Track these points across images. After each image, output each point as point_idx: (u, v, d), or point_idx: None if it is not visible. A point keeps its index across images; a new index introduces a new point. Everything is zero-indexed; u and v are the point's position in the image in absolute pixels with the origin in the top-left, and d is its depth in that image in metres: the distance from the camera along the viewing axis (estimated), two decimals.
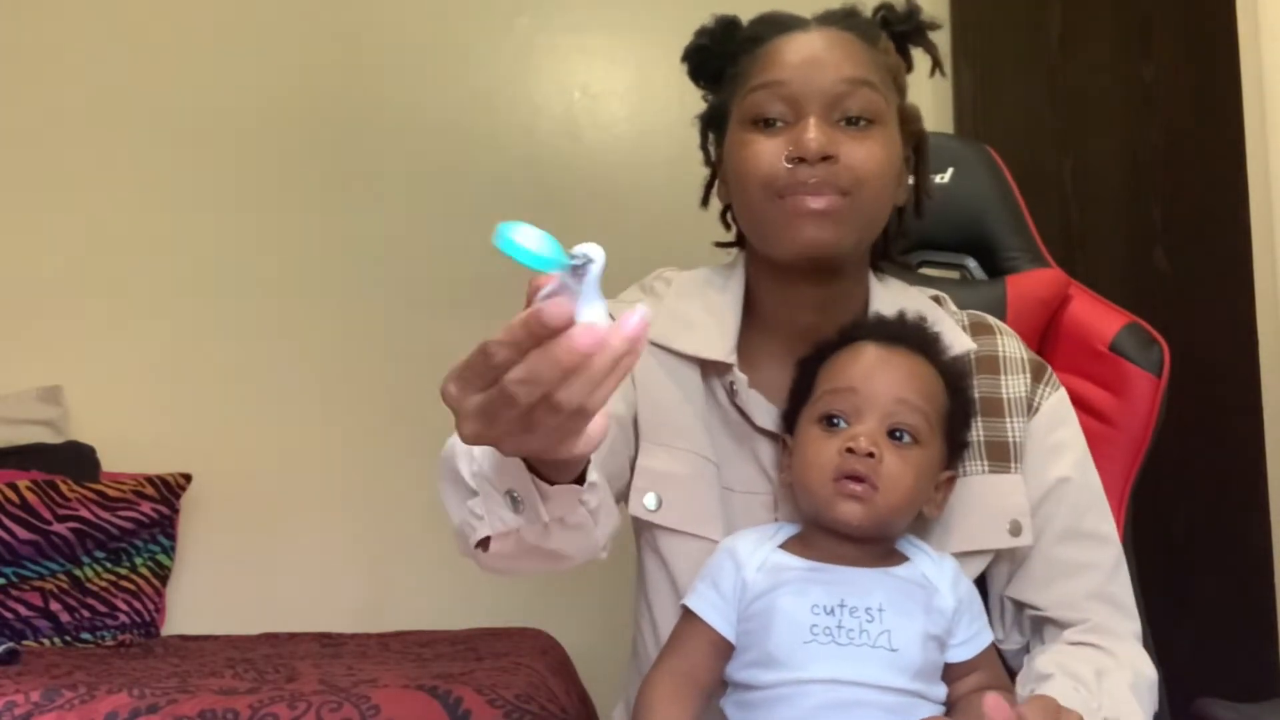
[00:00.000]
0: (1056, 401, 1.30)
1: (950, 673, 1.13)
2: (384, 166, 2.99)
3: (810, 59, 1.20)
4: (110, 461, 2.80)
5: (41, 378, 2.85)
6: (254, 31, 3.00)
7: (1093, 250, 2.52)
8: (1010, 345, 1.30)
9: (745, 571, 1.14)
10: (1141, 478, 1.58)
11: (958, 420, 1.20)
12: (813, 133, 1.17)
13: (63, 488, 2.61)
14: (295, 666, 2.23)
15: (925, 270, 1.75)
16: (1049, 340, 1.63)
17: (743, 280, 1.32)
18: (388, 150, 3.00)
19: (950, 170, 1.72)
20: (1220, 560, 2.30)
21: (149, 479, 2.71)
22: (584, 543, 1.02)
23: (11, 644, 2.32)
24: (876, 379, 1.15)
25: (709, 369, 1.28)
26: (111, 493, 2.65)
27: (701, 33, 1.30)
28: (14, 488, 2.58)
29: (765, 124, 1.21)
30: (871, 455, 1.11)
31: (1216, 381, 2.24)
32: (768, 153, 1.20)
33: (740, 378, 1.26)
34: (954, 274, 1.75)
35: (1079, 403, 1.55)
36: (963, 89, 2.75)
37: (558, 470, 0.92)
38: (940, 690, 1.12)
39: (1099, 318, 1.62)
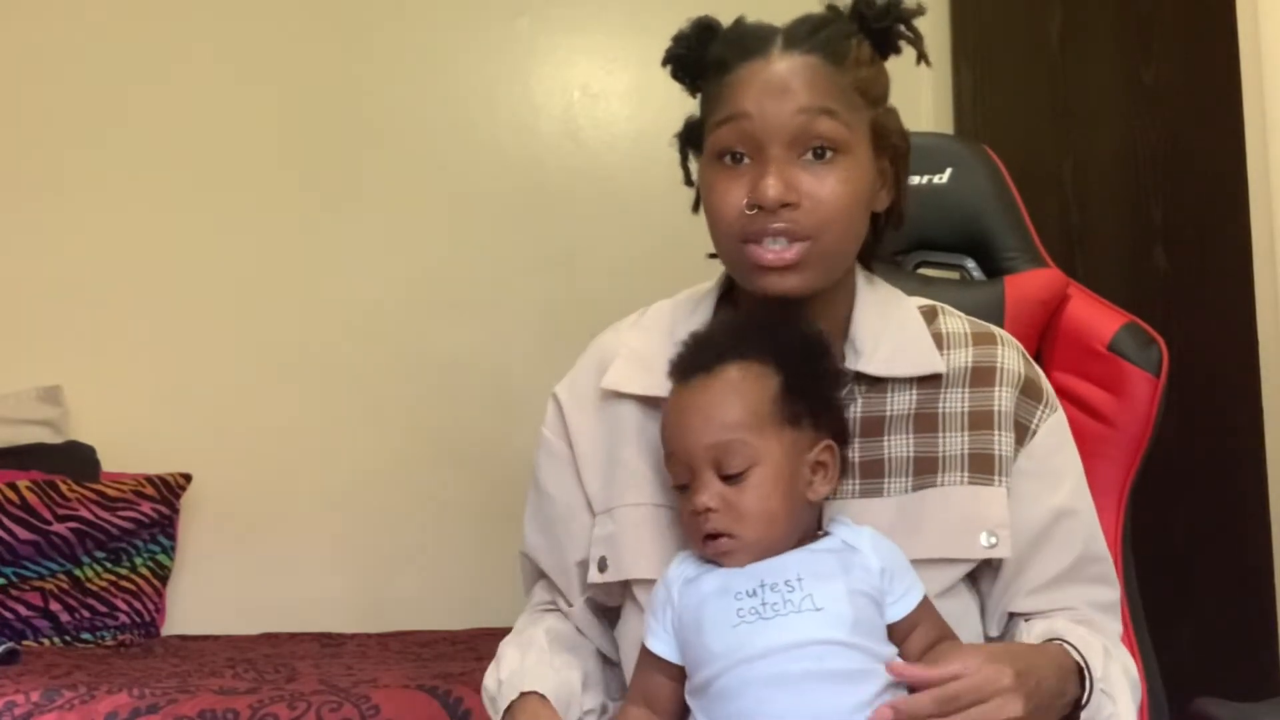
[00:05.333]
0: (1055, 424, 1.28)
1: (895, 633, 1.13)
2: (385, 167, 3.00)
3: (769, 92, 1.19)
4: (110, 461, 2.80)
5: (41, 378, 2.85)
6: (254, 33, 3.00)
7: (1093, 250, 2.51)
8: (1010, 357, 1.28)
9: (673, 589, 1.16)
10: (1141, 478, 1.58)
11: (798, 396, 1.16)
12: (771, 180, 1.17)
13: (63, 488, 2.61)
14: (295, 666, 2.23)
15: (924, 271, 1.75)
16: (1047, 340, 1.62)
17: (713, 303, 1.32)
18: (388, 151, 3.00)
19: (949, 170, 1.71)
20: (1220, 560, 2.29)
21: (149, 479, 2.72)
22: None
23: (11, 644, 2.32)
24: (686, 433, 1.15)
25: (657, 404, 1.27)
26: (111, 493, 2.65)
27: (679, 39, 1.28)
28: (14, 488, 2.58)
29: (732, 158, 1.21)
30: (712, 510, 1.12)
31: (1216, 381, 2.23)
32: (730, 197, 1.20)
33: None
34: (953, 274, 1.75)
35: (1078, 403, 1.55)
36: (963, 89, 2.75)
37: None
38: (889, 650, 1.11)
39: (1097, 318, 1.61)
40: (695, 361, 1.18)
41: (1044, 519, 1.24)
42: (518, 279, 2.95)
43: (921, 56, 1.28)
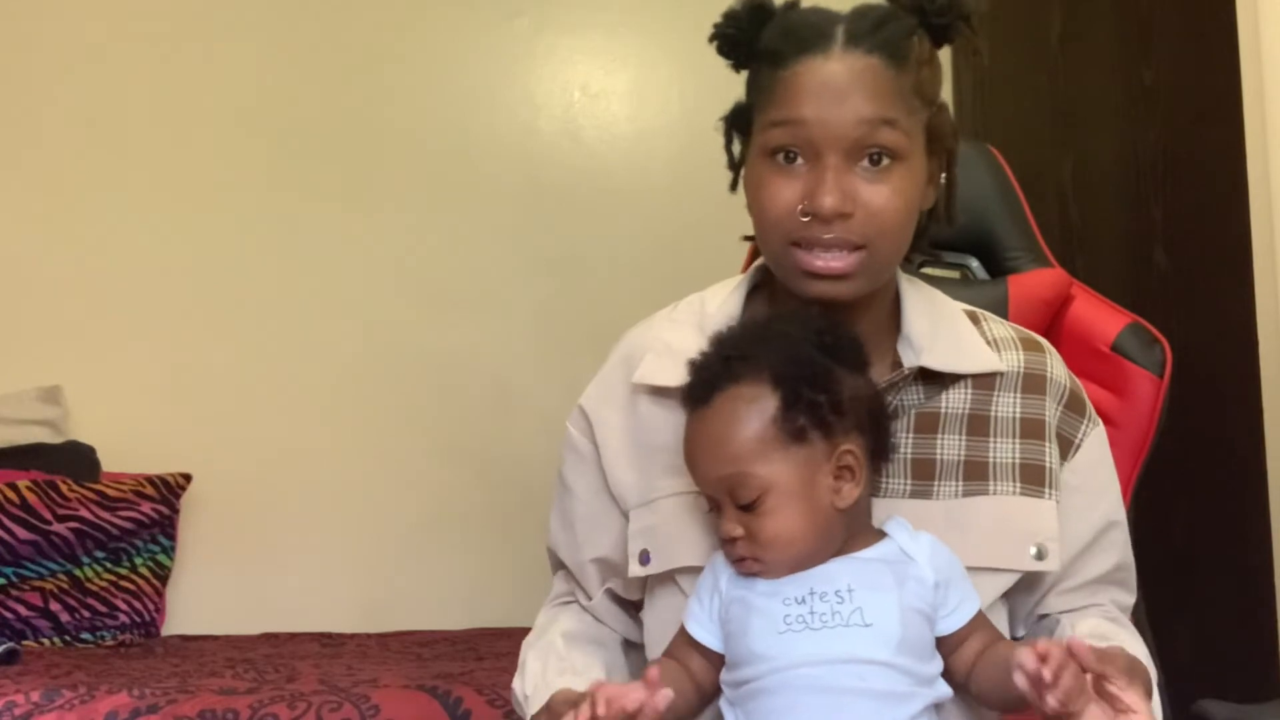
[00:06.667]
0: (1097, 438, 1.29)
1: (945, 645, 1.12)
2: (384, 167, 3.00)
3: (829, 97, 1.15)
4: (110, 461, 2.79)
5: (41, 378, 2.85)
6: (255, 34, 3.00)
7: (1093, 250, 2.52)
8: (1057, 369, 1.28)
9: (721, 578, 1.15)
10: (1142, 478, 1.58)
11: (800, 411, 1.12)
12: (829, 189, 1.14)
13: (63, 488, 2.61)
14: (295, 666, 2.23)
15: (927, 270, 1.75)
16: (1051, 340, 1.62)
17: (743, 296, 1.30)
18: (388, 151, 3.00)
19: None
20: (1220, 560, 2.30)
21: (149, 479, 2.71)
22: None
23: (11, 644, 2.32)
24: (697, 467, 1.14)
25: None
26: (111, 493, 2.65)
27: (730, 17, 1.23)
28: (14, 488, 2.58)
29: (785, 157, 1.17)
30: (737, 539, 1.11)
31: (1216, 381, 2.24)
32: (783, 198, 1.16)
33: None
34: (955, 274, 1.75)
35: None
36: (963, 89, 2.75)
37: None
38: (933, 667, 1.10)
39: (1101, 317, 1.61)
40: (694, 392, 1.16)
41: (1088, 533, 1.26)
42: (518, 279, 2.95)
43: (976, 51, 1.27)
